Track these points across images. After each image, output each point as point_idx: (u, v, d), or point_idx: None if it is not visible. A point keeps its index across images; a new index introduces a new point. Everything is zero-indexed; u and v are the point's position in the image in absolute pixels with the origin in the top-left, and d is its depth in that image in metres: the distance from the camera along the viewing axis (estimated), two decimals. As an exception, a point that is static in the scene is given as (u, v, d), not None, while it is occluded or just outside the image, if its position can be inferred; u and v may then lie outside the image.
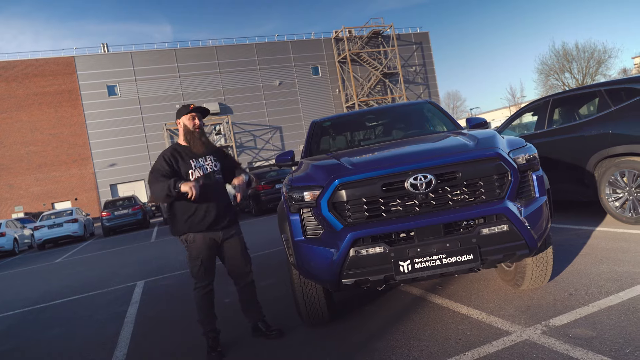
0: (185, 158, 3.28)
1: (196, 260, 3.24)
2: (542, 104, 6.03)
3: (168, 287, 5.88)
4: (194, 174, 3.24)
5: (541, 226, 2.79)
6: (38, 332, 4.75)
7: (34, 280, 8.93)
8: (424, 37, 47.96)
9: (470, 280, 3.87)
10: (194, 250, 3.25)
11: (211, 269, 3.31)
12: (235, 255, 3.41)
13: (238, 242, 3.43)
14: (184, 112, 3.32)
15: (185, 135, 3.34)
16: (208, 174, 3.31)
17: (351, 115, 5.08)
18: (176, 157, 3.26)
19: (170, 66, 38.92)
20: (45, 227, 16.07)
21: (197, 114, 3.34)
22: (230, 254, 3.40)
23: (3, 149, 35.29)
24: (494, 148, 2.81)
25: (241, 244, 3.46)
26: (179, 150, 3.31)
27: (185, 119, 3.31)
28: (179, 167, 3.23)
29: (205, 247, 3.26)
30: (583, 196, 5.37)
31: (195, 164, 3.27)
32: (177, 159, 3.25)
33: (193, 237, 3.24)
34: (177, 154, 3.28)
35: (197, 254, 3.24)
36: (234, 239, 3.41)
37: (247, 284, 3.48)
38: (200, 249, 3.24)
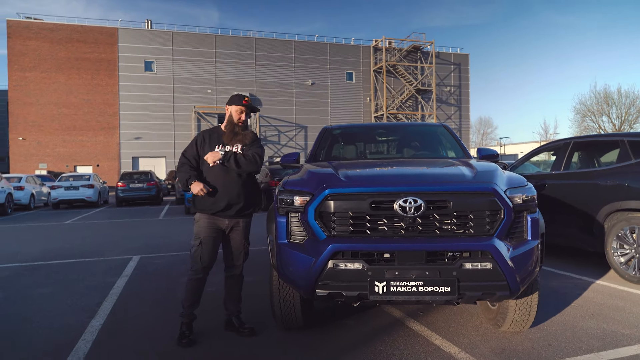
0: (213, 142, 3.38)
1: (195, 240, 3.32)
2: (562, 144, 5.90)
3: (160, 265, 5.95)
4: None
5: (527, 270, 2.72)
6: (29, 287, 4.87)
7: (39, 237, 9.15)
8: (463, 59, 47.49)
9: (453, 312, 3.80)
10: (196, 229, 3.35)
11: (209, 255, 3.32)
12: (234, 245, 3.46)
13: (241, 235, 3.45)
14: (236, 103, 3.39)
15: (227, 124, 3.42)
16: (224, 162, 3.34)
17: (363, 127, 5.06)
18: (206, 139, 3.40)
19: (208, 51, 39.49)
20: (62, 187, 16.47)
21: (246, 109, 3.41)
22: (231, 243, 3.46)
23: (37, 107, 36.36)
24: (491, 183, 2.75)
25: (244, 236, 3.47)
26: (214, 134, 3.43)
27: (233, 109, 3.39)
28: (203, 149, 3.36)
29: (207, 231, 3.30)
30: (589, 245, 5.22)
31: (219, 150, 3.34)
32: (207, 141, 3.38)
33: (199, 217, 3.35)
34: (208, 136, 3.42)
35: (198, 234, 3.32)
36: (239, 231, 3.45)
37: (235, 276, 3.51)
38: (201, 230, 3.30)
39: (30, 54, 36.29)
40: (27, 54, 36.23)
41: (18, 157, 36.18)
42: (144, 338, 3.35)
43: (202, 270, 3.32)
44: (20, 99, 36.15)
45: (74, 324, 3.66)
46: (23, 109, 36.14)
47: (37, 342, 3.30)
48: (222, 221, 3.34)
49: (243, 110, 3.39)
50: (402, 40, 44.44)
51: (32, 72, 36.31)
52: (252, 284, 4.82)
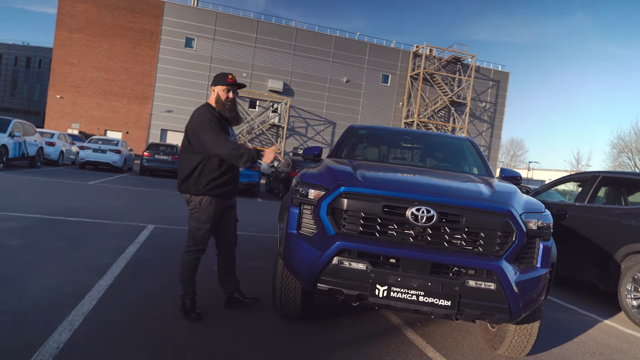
0: (224, 124, 3.38)
1: (205, 224, 3.30)
2: (590, 177, 5.76)
3: (173, 237, 6.08)
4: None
5: (531, 297, 2.69)
6: (47, 239, 5.05)
7: (63, 193, 9.44)
8: (503, 77, 46.59)
9: (452, 327, 3.79)
10: (204, 215, 3.28)
11: (210, 236, 3.40)
12: (230, 226, 3.53)
13: (235, 214, 3.57)
14: (221, 82, 3.35)
15: (216, 104, 3.38)
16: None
17: (389, 130, 5.05)
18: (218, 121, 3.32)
19: (249, 35, 39.78)
20: (91, 149, 16.88)
21: (233, 87, 3.38)
22: (227, 224, 3.51)
23: (78, 68, 37.34)
24: (507, 204, 2.73)
25: (235, 217, 3.59)
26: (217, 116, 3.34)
27: (219, 89, 3.36)
28: None
29: (217, 213, 3.35)
30: (602, 283, 5.11)
31: (231, 132, 3.43)
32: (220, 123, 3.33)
33: (209, 201, 3.26)
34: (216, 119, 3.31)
35: (208, 218, 3.29)
36: (234, 211, 3.55)
37: (231, 255, 3.60)
38: (212, 214, 3.30)
39: (79, 16, 37.23)
40: (76, 15, 37.19)
41: (53, 114, 37.25)
42: (148, 305, 3.44)
43: (204, 249, 3.41)
44: (63, 58, 37.17)
45: (83, 281, 3.79)
46: (64, 68, 37.16)
47: (48, 291, 3.43)
48: (227, 203, 3.41)
49: (229, 89, 3.35)
50: (443, 49, 43.86)
51: (78, 34, 37.27)
52: (258, 269, 4.90)
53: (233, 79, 3.37)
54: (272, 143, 40.46)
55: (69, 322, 2.93)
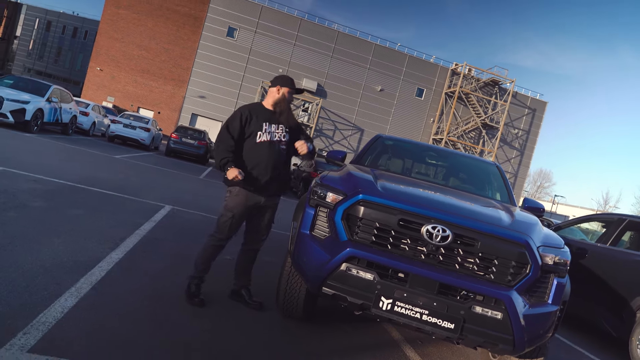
0: (260, 119, 3.40)
1: (229, 213, 3.36)
2: (616, 219, 5.59)
3: (188, 221, 6.17)
4: (261, 137, 3.38)
5: (538, 332, 2.62)
6: (67, 205, 5.18)
7: (89, 163, 9.69)
8: (540, 105, 45.67)
9: (452, 351, 3.72)
10: (232, 203, 3.36)
11: (236, 226, 3.42)
12: (262, 224, 3.55)
13: (271, 213, 3.57)
14: (288, 85, 3.47)
15: (278, 103, 3.47)
16: (273, 141, 3.41)
17: (416, 144, 5.00)
18: (252, 116, 3.40)
19: (290, 32, 40.07)
20: (122, 124, 17.28)
21: (295, 92, 3.53)
22: (259, 221, 3.53)
23: (121, 44, 38.30)
24: (525, 235, 2.66)
25: (272, 216, 3.59)
26: (258, 111, 3.45)
27: (286, 91, 3.47)
28: (249, 126, 3.37)
29: (244, 206, 3.37)
30: (613, 329, 4.94)
31: (266, 128, 3.40)
32: (252, 117, 3.39)
33: (238, 191, 3.35)
34: (254, 113, 3.42)
35: (234, 207, 3.35)
36: (270, 210, 3.55)
37: (254, 250, 3.61)
38: (238, 205, 3.35)
39: (128, -7, 38.23)
40: (126, -8, 38.19)
41: (91, 85, 38.29)
42: (155, 284, 3.50)
43: (226, 239, 3.42)
44: (108, 32, 38.19)
45: (95, 251, 3.87)
46: (108, 42, 38.17)
47: (60, 255, 3.52)
48: (258, 198, 3.39)
49: (292, 93, 3.49)
50: (482, 70, 43.26)
51: (126, 10, 38.24)
52: (268, 264, 4.91)
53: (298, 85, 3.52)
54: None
55: (76, 288, 3.00)
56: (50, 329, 2.43)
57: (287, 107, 3.47)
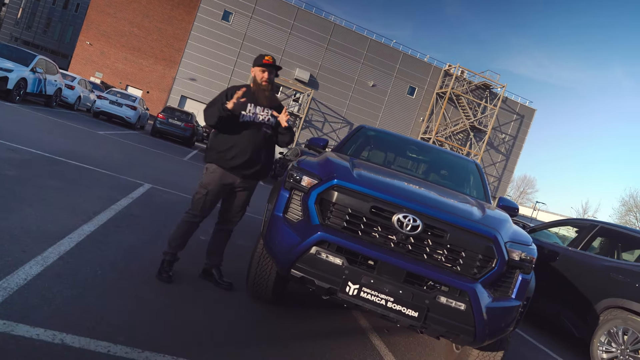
0: (246, 100, 3.36)
1: (203, 189, 3.36)
2: (588, 225, 5.71)
3: (166, 201, 6.11)
4: (245, 116, 3.36)
5: (499, 326, 2.67)
6: (42, 176, 5.08)
7: (70, 137, 9.52)
8: (528, 112, 46.21)
9: (418, 341, 3.77)
10: (206, 179, 3.37)
11: (210, 205, 3.41)
12: (237, 204, 3.54)
13: (247, 195, 3.55)
14: (258, 63, 3.42)
15: (253, 84, 3.46)
16: (256, 122, 3.39)
17: (398, 137, 5.02)
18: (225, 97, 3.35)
19: (286, 20, 39.76)
20: (108, 100, 16.97)
21: (269, 68, 3.43)
22: (234, 201, 3.52)
23: (113, 19, 37.58)
24: (494, 230, 2.70)
25: (247, 197, 3.58)
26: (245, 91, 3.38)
27: (257, 70, 3.44)
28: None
29: (218, 184, 3.36)
30: (577, 331, 5.07)
31: (250, 109, 3.38)
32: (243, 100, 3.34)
33: (214, 169, 3.36)
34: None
35: (208, 184, 3.35)
36: (246, 192, 3.53)
37: (226, 231, 3.61)
38: (213, 182, 3.35)
39: (123, -32, 37.48)
40: (121, -33, 37.44)
41: (79, 59, 37.55)
42: (125, 258, 3.46)
43: (200, 216, 3.40)
44: (100, 6, 37.44)
45: (67, 222, 3.81)
46: (99, 16, 37.42)
47: (29, 224, 3.46)
48: (234, 178, 3.38)
49: (265, 70, 3.40)
50: (475, 73, 43.53)
51: (120, -15, 37.54)
52: (242, 248, 4.91)
53: (270, 60, 3.42)
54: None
55: (42, 257, 2.95)
56: (11, 294, 2.40)
57: (264, 88, 3.41)
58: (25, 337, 2.10)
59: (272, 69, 3.43)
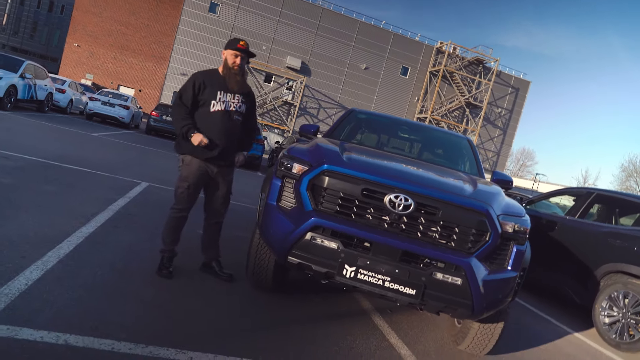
0: (215, 87, 3.34)
1: (183, 182, 3.36)
2: (585, 193, 5.73)
3: (163, 198, 6.13)
4: (215, 106, 3.32)
5: (496, 297, 2.71)
6: (37, 182, 5.10)
7: (64, 140, 9.50)
8: (523, 85, 45.98)
9: (420, 318, 3.82)
10: (185, 172, 3.36)
11: (193, 196, 3.42)
12: (219, 195, 3.53)
13: (227, 184, 3.55)
14: (231, 47, 3.37)
15: (223, 69, 3.41)
16: (228, 111, 3.38)
17: (388, 118, 5.01)
18: (206, 83, 3.33)
19: (274, 9, 39.34)
20: (100, 101, 16.88)
21: (242, 54, 3.38)
22: (216, 192, 3.52)
23: (99, 19, 37.17)
24: (485, 204, 2.72)
25: (228, 187, 3.57)
26: (213, 78, 3.37)
27: (228, 53, 3.38)
28: (203, 94, 3.31)
29: (197, 174, 3.36)
30: (579, 297, 5.12)
31: (220, 97, 3.34)
32: (207, 85, 3.33)
33: (190, 160, 3.35)
34: (208, 80, 3.35)
35: (187, 176, 3.35)
36: (226, 180, 3.52)
37: (216, 223, 3.61)
38: (191, 173, 3.35)
39: (105, -34, 36.93)
40: (102, -35, 36.89)
41: (69, 62, 37.24)
42: (124, 257, 3.49)
43: (186, 209, 3.42)
44: (85, 6, 36.99)
45: (65, 226, 3.83)
46: (85, 17, 37.00)
47: (27, 230, 3.48)
48: (211, 168, 3.39)
49: (238, 55, 3.35)
50: (467, 49, 43.23)
51: (103, -17, 37.02)
52: (243, 240, 4.92)
53: (244, 46, 3.37)
54: (282, 120, 40.34)
55: (42, 262, 2.98)
56: (13, 300, 2.43)
57: (235, 73, 3.36)
58: (29, 340, 2.13)
59: (245, 55, 3.39)
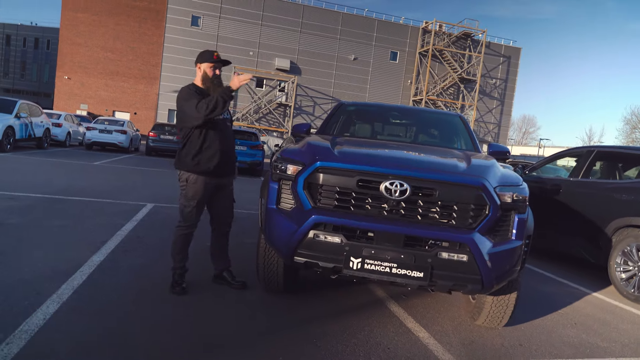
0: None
1: (191, 201, 3.37)
2: (585, 152, 5.71)
3: (170, 215, 6.18)
4: None
5: (504, 268, 2.72)
6: (46, 218, 5.18)
7: (67, 173, 9.60)
8: (514, 52, 45.61)
9: (436, 300, 3.85)
10: (191, 191, 3.36)
11: (200, 212, 3.46)
12: (224, 205, 3.57)
13: (230, 193, 3.59)
14: (207, 59, 3.40)
15: (203, 81, 3.44)
16: (221, 120, 3.43)
17: (378, 107, 5.03)
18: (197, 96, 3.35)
19: (256, 13, 39.31)
20: (97, 130, 17.03)
21: (218, 64, 3.43)
22: (221, 203, 3.56)
23: (85, 49, 37.36)
24: (480, 178, 2.74)
25: (231, 196, 3.61)
26: (198, 91, 3.41)
27: (206, 67, 3.41)
28: None
29: (203, 191, 3.39)
30: (593, 257, 5.12)
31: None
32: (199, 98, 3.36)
33: (195, 179, 3.35)
34: (199, 93, 3.38)
35: (194, 195, 3.36)
36: (228, 190, 3.57)
37: (224, 234, 3.66)
38: (199, 192, 3.37)
39: (84, -5, 37.06)
40: (81, -5, 37.02)
41: (62, 96, 37.50)
42: (137, 280, 3.55)
43: (193, 226, 3.47)
44: (70, 38, 37.18)
45: (76, 257, 3.90)
46: (72, 48, 37.20)
47: (40, 266, 3.55)
48: (216, 181, 3.43)
49: (215, 66, 3.41)
50: (453, 25, 42.94)
51: (84, 13, 37.14)
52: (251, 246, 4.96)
53: (218, 56, 3.42)
54: (279, 122, 40.37)
55: (57, 295, 3.04)
56: (33, 336, 2.48)
57: (216, 83, 3.40)
58: (53, 372, 2.18)
59: (220, 65, 3.44)
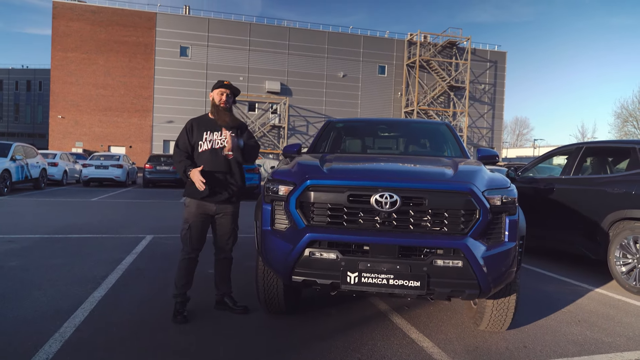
0: (200, 129, 3.50)
1: (185, 224, 3.48)
2: (574, 149, 5.78)
3: (170, 246, 6.20)
4: (202, 146, 3.47)
5: (500, 271, 2.75)
6: (45, 257, 5.19)
7: (65, 212, 9.62)
8: (500, 57, 46.22)
9: (439, 308, 3.85)
10: (186, 214, 3.50)
11: (198, 238, 3.49)
12: (224, 231, 3.60)
13: (230, 220, 3.59)
14: (216, 86, 3.56)
15: (211, 108, 3.57)
16: (214, 149, 3.48)
17: (365, 121, 5.11)
18: (194, 127, 3.53)
19: (242, 39, 39.89)
20: (93, 166, 17.13)
21: (227, 90, 3.56)
22: (221, 228, 3.60)
23: (77, 87, 37.73)
24: (468, 183, 2.78)
25: (232, 221, 3.61)
26: (202, 120, 3.58)
27: (215, 93, 3.56)
28: (193, 137, 3.51)
29: (196, 215, 3.45)
30: (592, 253, 5.14)
31: (206, 137, 3.49)
32: (194, 129, 3.52)
33: (189, 202, 3.50)
34: (196, 124, 3.56)
35: (187, 218, 3.48)
36: (227, 217, 3.58)
37: (224, 259, 3.68)
38: (191, 215, 3.46)
39: (73, 35, 37.54)
40: (70, 35, 37.49)
41: (57, 135, 37.70)
42: (139, 312, 3.55)
43: (192, 251, 3.49)
44: (61, 78, 37.56)
45: (77, 294, 3.91)
46: (64, 88, 37.56)
47: (41, 306, 3.55)
48: (209, 206, 3.47)
49: (224, 92, 3.52)
50: (437, 35, 43.60)
51: (74, 52, 37.60)
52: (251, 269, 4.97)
53: (229, 84, 3.58)
54: (274, 144, 40.58)
55: (60, 333, 3.04)
56: (37, 376, 2.49)
57: (223, 110, 3.51)
58: (58, 412, 2.18)
59: (230, 92, 3.56)
